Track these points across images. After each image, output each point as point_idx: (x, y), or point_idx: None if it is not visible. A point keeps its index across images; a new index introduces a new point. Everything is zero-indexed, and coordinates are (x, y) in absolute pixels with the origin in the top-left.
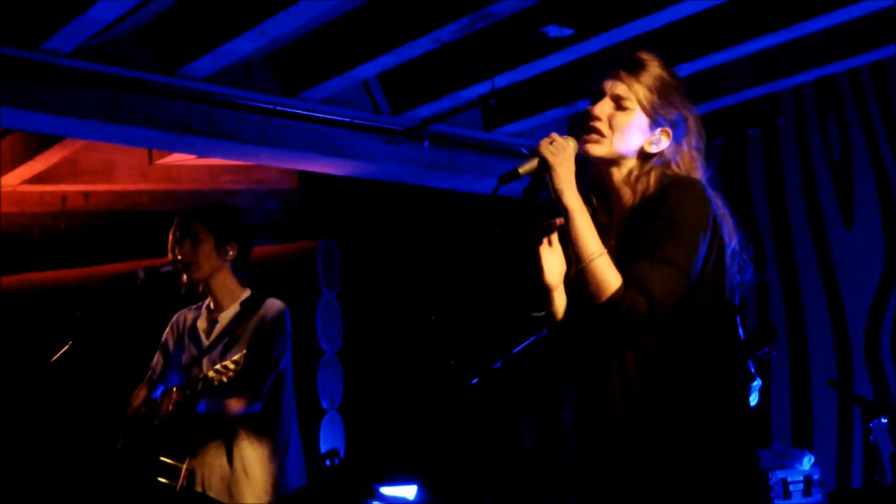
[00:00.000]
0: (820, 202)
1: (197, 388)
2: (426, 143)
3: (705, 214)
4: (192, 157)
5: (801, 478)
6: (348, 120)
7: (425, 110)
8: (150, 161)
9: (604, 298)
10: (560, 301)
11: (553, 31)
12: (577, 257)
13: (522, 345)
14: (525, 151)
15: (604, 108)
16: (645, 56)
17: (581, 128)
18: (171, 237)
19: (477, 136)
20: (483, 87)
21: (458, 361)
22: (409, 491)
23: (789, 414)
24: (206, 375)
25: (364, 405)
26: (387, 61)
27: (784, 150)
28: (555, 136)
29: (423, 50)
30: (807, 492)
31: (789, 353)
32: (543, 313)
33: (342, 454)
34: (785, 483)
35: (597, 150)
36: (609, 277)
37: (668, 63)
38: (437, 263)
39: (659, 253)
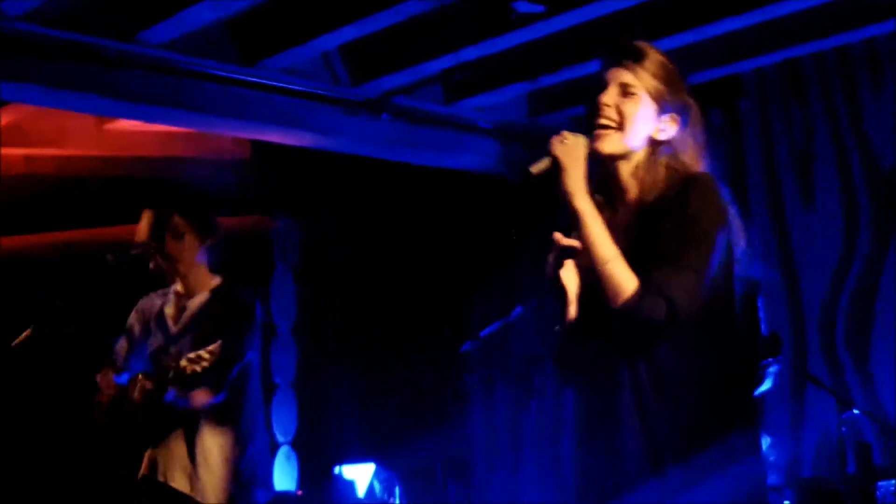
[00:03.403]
0: (780, 185)
1: (167, 377)
2: (384, 116)
3: (723, 216)
4: (144, 123)
5: None
6: (307, 90)
7: (386, 83)
8: (99, 127)
9: (620, 302)
10: (574, 306)
11: (522, 6)
12: (591, 261)
13: (490, 328)
14: (485, 126)
15: (611, 96)
16: (642, 44)
17: (589, 122)
18: (146, 228)
19: (437, 110)
20: (446, 62)
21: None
22: (367, 470)
23: None
24: (177, 365)
25: (319, 382)
26: (351, 33)
27: (746, 133)
28: (566, 134)
29: (389, 22)
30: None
31: None
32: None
33: (293, 437)
34: None
35: (608, 146)
36: (625, 281)
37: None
38: (397, 239)
39: (681, 259)
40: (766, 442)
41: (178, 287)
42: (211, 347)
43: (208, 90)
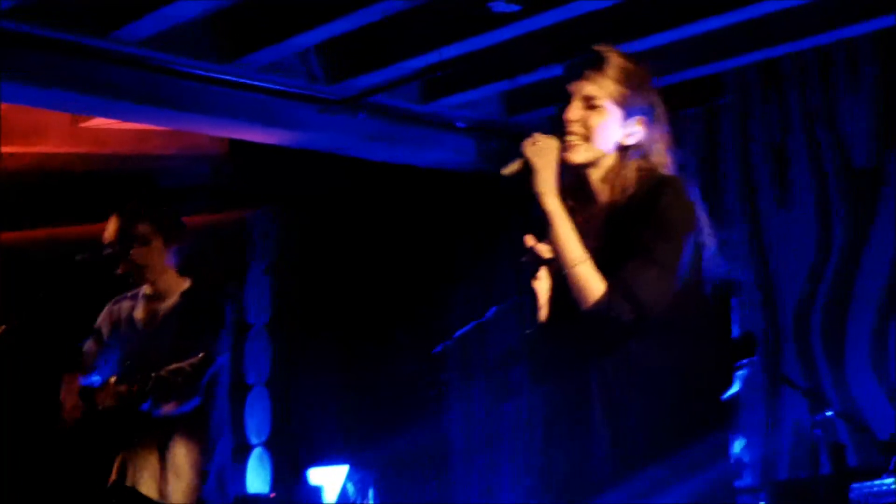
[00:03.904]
0: (756, 184)
1: (146, 387)
2: (361, 115)
3: (692, 217)
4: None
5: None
6: (285, 88)
7: (363, 81)
8: (75, 123)
9: (589, 304)
10: (546, 309)
11: (498, 6)
12: (560, 263)
13: (463, 329)
14: (462, 125)
15: (575, 111)
16: (603, 49)
17: (557, 134)
18: (112, 233)
19: (414, 108)
20: (423, 60)
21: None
22: (340, 472)
23: None
24: (157, 375)
25: (294, 380)
26: (328, 31)
27: (723, 132)
28: (538, 136)
29: (367, 21)
30: (737, 475)
31: None
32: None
33: (267, 437)
34: None
35: (578, 156)
36: (593, 283)
37: (619, 47)
38: (374, 236)
39: (645, 256)
40: (740, 443)
41: (148, 290)
42: (194, 360)
43: (186, 88)
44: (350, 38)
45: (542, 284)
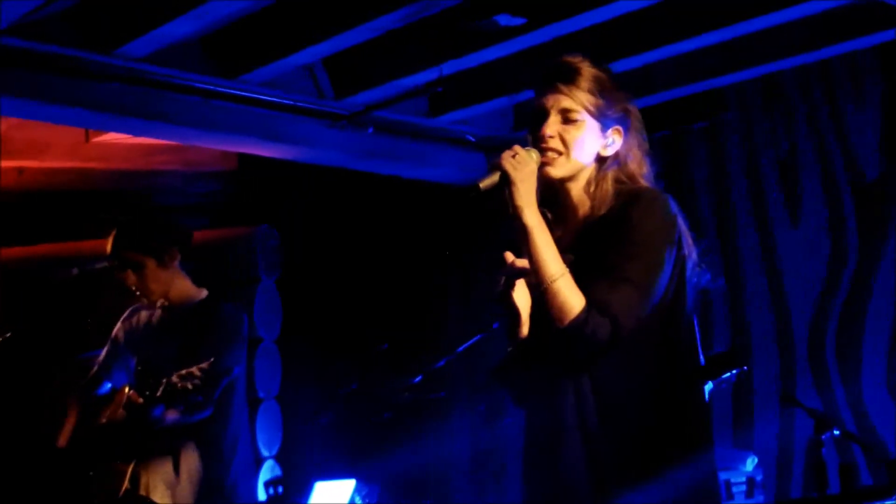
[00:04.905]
0: (766, 199)
1: (157, 394)
2: (370, 130)
3: (670, 230)
4: (129, 136)
5: (743, 479)
6: (290, 103)
7: (369, 96)
8: (87, 139)
9: (566, 322)
10: (527, 326)
11: (504, 19)
12: (537, 278)
13: (467, 343)
14: (471, 139)
15: (552, 125)
16: (574, 60)
17: (536, 149)
18: (109, 252)
19: (420, 122)
20: (429, 75)
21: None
22: (347, 486)
23: (731, 414)
24: (169, 381)
25: (302, 394)
26: (329, 47)
27: (730, 146)
28: (517, 148)
29: (367, 37)
30: (749, 493)
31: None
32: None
33: (277, 451)
34: (728, 485)
35: (557, 171)
36: (571, 299)
37: (607, 58)
38: (378, 251)
39: (618, 272)
40: (752, 461)
41: (164, 301)
42: (203, 365)
43: (190, 103)
44: (357, 53)
45: (522, 299)
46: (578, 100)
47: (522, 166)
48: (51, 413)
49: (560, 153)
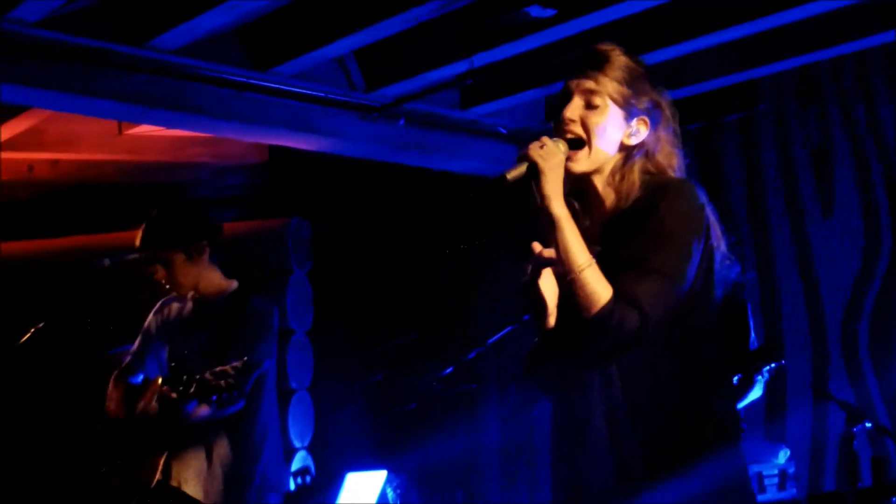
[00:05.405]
0: (799, 191)
1: (190, 390)
2: (401, 122)
3: (698, 220)
4: (161, 128)
5: (776, 472)
6: (322, 95)
7: (400, 88)
8: (120, 132)
9: (593, 312)
10: (554, 317)
11: (535, 11)
12: (564, 268)
13: (497, 335)
14: (502, 131)
15: (574, 109)
16: (606, 48)
17: (556, 133)
18: (139, 245)
19: (451, 114)
20: (460, 67)
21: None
22: (379, 477)
23: (763, 407)
24: (202, 378)
25: (334, 386)
26: (361, 39)
27: (763, 138)
28: (545, 139)
29: (398, 29)
30: (782, 486)
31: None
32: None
33: (309, 442)
34: (760, 477)
35: (578, 166)
36: (598, 290)
37: (638, 50)
38: (409, 243)
39: (646, 263)
40: (785, 454)
41: (195, 293)
42: (236, 363)
43: (222, 95)
44: (389, 45)
45: (549, 289)
46: (604, 86)
47: (550, 157)
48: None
49: (579, 138)
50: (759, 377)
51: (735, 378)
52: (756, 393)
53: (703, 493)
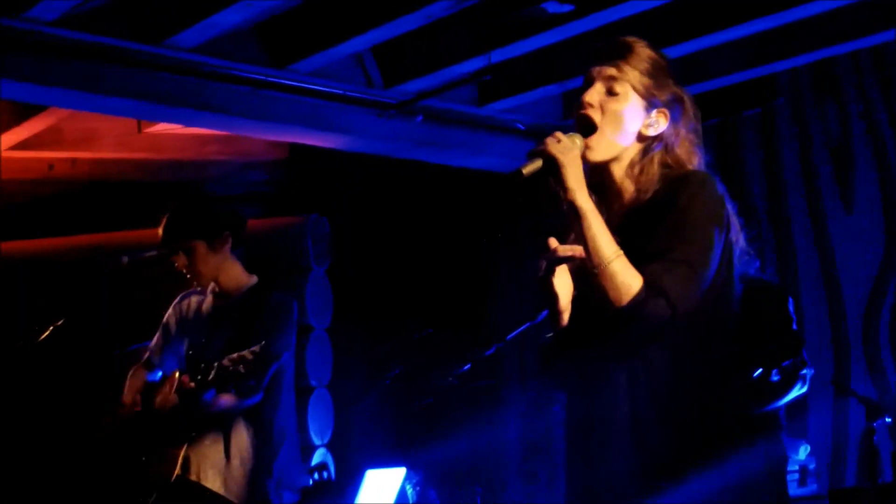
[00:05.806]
0: (819, 186)
1: (208, 377)
2: (419, 118)
3: (719, 211)
4: (180, 126)
5: (796, 468)
6: (340, 92)
7: (418, 84)
8: (139, 130)
9: (625, 301)
10: (567, 313)
11: (552, 6)
12: (592, 261)
13: (516, 331)
14: (521, 127)
15: (594, 94)
16: (631, 39)
17: (574, 119)
18: (160, 239)
19: (469, 111)
20: (478, 63)
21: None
22: (398, 474)
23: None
24: (220, 364)
25: (353, 383)
26: (377, 36)
27: (782, 133)
28: (559, 135)
29: (415, 25)
30: (802, 482)
31: None
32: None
33: (329, 439)
34: None
35: (597, 154)
36: (628, 280)
37: (656, 45)
38: (427, 239)
39: (671, 254)
40: (805, 450)
41: (214, 286)
42: (254, 348)
43: (240, 93)
44: (406, 42)
45: (563, 287)
46: (626, 75)
47: (568, 151)
48: (102, 404)
49: (596, 123)
50: (804, 372)
51: (756, 373)
52: (798, 390)
53: (733, 488)
